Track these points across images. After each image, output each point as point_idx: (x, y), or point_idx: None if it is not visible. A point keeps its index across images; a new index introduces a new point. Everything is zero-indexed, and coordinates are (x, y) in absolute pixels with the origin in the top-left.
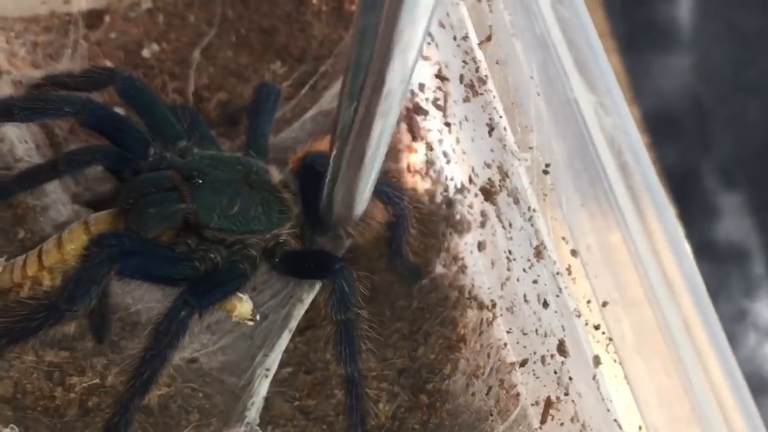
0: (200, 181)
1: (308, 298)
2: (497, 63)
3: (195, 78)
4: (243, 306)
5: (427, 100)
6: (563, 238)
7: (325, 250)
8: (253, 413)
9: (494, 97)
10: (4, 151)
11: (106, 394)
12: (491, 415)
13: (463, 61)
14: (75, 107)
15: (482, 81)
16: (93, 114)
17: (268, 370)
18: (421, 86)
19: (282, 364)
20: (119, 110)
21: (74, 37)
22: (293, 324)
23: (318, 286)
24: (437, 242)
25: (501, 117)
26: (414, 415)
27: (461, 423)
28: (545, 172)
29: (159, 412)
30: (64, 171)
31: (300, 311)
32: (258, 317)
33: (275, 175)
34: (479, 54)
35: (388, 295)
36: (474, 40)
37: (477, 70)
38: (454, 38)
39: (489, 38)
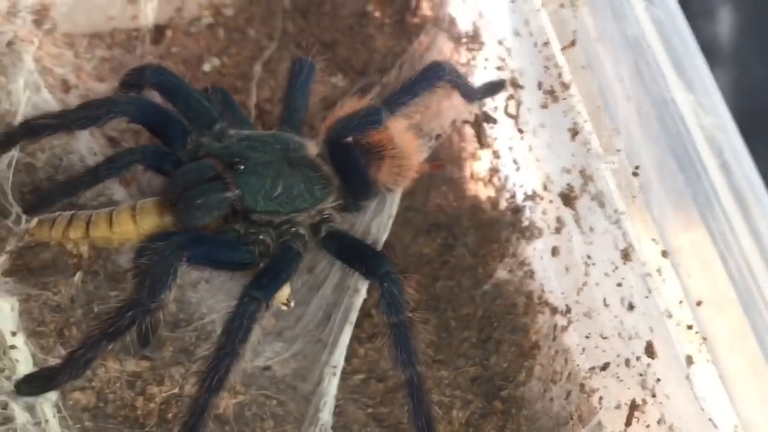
0: (242, 167)
1: (364, 287)
2: (582, 67)
3: (256, 91)
4: (282, 290)
5: (496, 108)
6: (653, 240)
7: (372, 247)
8: (326, 414)
9: (578, 101)
10: (75, 162)
11: (184, 404)
12: (571, 419)
13: (545, 67)
14: (123, 107)
15: (565, 86)
16: (142, 110)
17: (335, 367)
18: None
19: (354, 371)
20: None
21: (139, 51)
22: (353, 316)
23: None
24: (499, 248)
25: (586, 121)
26: (489, 422)
27: (539, 428)
28: (635, 174)
29: (234, 420)
30: (105, 176)
31: (358, 302)
32: (293, 304)
33: (312, 149)
34: (561, 59)
35: (451, 303)
36: (556, 45)
37: (560, 75)
38: (535, 44)
39: (573, 43)
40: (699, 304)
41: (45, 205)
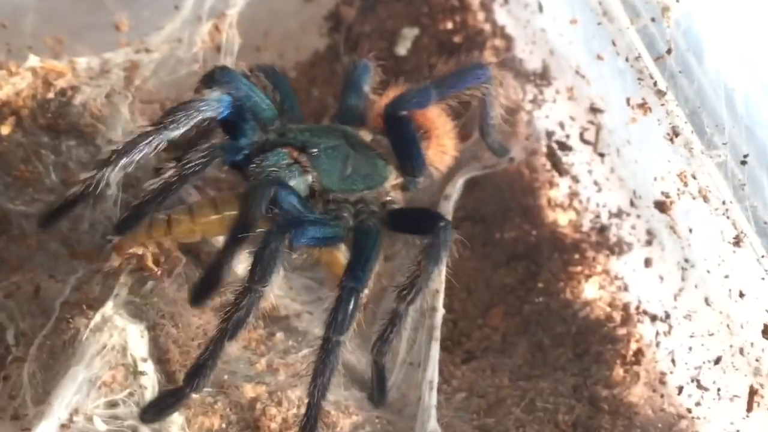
0: (315, 151)
1: (440, 304)
2: (680, 72)
3: None
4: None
5: (568, 136)
6: (765, 223)
7: (432, 210)
8: (433, 423)
9: (676, 106)
10: None
11: None
12: (689, 412)
13: (638, 80)
14: (212, 105)
15: (661, 93)
16: (227, 107)
17: (431, 381)
18: (562, 124)
19: (454, 391)
20: None
21: None
22: (437, 333)
23: (442, 292)
24: (586, 268)
25: (686, 122)
26: (598, 421)
27: (652, 421)
28: (743, 163)
29: None
30: (190, 176)
31: (438, 319)
32: None
33: (367, 135)
34: (655, 70)
35: (540, 325)
36: (648, 58)
37: (655, 84)
38: (626, 59)
39: (669, 52)
40: None
41: (138, 218)
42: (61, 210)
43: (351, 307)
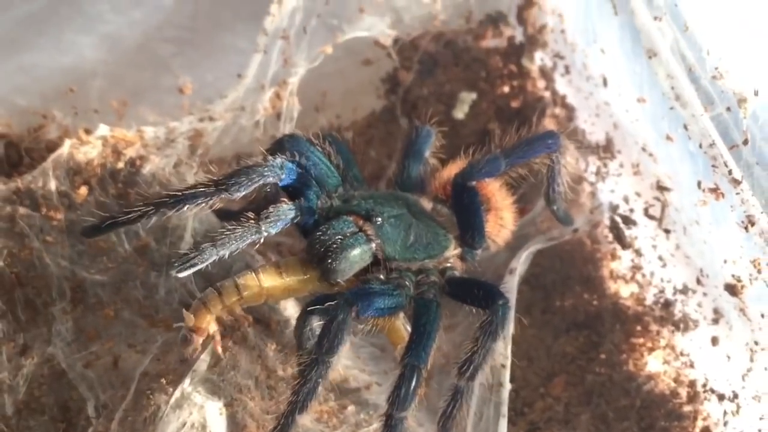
0: (379, 220)
1: (506, 379)
2: (756, 164)
3: None
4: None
5: (632, 210)
6: None
7: (492, 285)
8: None
9: (751, 195)
10: None
11: None
12: None
13: (713, 166)
14: (275, 171)
15: (736, 182)
16: (289, 174)
17: None
18: (626, 198)
19: None
20: None
21: None
22: (504, 409)
23: (509, 368)
24: (649, 341)
25: (762, 212)
26: None
27: None
28: None
29: None
30: (266, 231)
31: (505, 395)
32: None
33: (427, 204)
34: (729, 158)
35: (603, 397)
36: (722, 146)
37: (730, 172)
38: (700, 146)
39: (746, 142)
40: None
41: (201, 262)
42: (108, 227)
43: (413, 384)
